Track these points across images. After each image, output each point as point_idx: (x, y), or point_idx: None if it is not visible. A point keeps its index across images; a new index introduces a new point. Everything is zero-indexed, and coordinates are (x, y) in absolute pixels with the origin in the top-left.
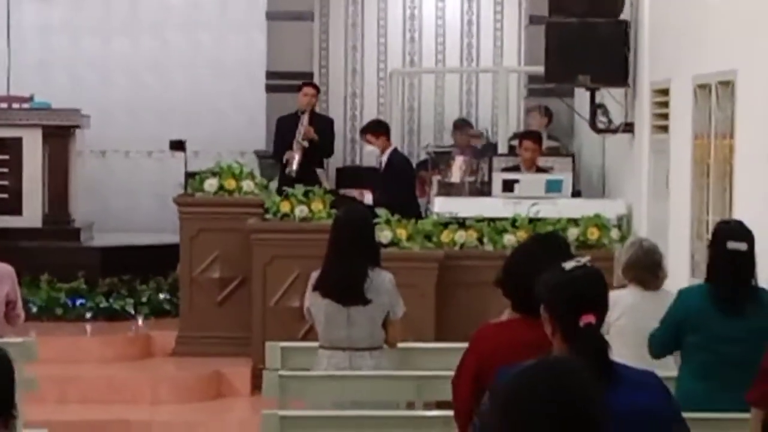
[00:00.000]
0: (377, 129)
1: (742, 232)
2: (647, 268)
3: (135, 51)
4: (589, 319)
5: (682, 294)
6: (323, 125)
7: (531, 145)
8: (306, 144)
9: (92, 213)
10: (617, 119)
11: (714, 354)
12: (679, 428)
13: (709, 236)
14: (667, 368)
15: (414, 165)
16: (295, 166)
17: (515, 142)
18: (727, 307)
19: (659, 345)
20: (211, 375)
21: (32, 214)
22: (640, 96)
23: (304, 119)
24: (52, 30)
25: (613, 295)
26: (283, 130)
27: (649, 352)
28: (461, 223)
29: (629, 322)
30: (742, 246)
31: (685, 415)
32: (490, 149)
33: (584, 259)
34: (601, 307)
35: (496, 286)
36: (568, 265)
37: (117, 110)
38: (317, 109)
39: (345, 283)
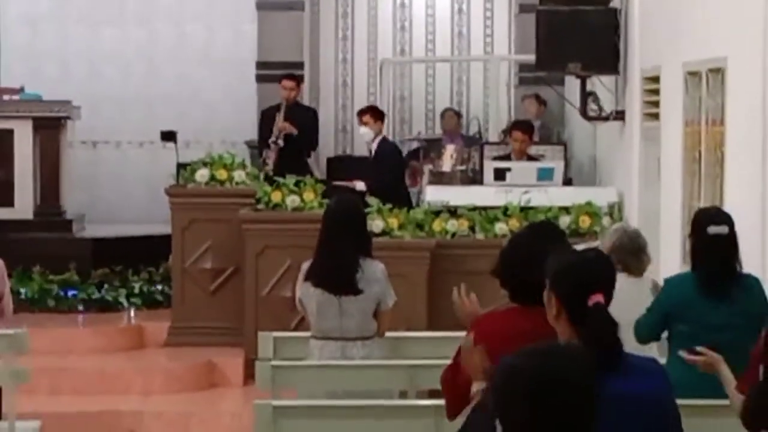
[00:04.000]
0: (376, 112)
1: (721, 216)
2: (631, 253)
3: (124, 41)
4: (598, 298)
5: (669, 283)
6: (305, 117)
7: (520, 136)
8: (281, 143)
9: (83, 204)
10: (608, 107)
11: (702, 341)
12: (676, 416)
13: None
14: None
15: (405, 154)
16: (270, 166)
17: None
18: (713, 294)
19: (645, 332)
20: (203, 365)
21: (23, 205)
22: (631, 83)
23: (279, 116)
24: (40, 20)
25: None
26: (267, 122)
27: (636, 338)
28: (453, 212)
29: (613, 308)
30: (723, 230)
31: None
32: (480, 138)
33: (595, 243)
34: (609, 290)
35: (492, 275)
36: (580, 246)
37: (107, 101)
38: (306, 100)
39: (336, 273)
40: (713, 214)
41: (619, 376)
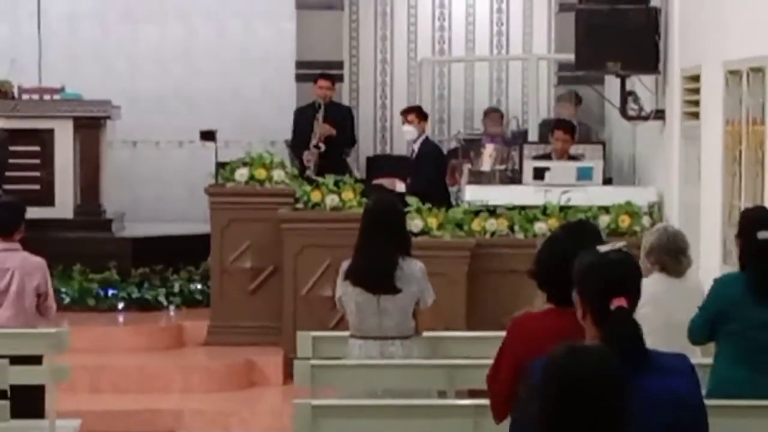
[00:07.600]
0: (421, 112)
1: None
2: (670, 253)
3: (163, 40)
4: (620, 302)
5: (718, 283)
6: (341, 115)
7: (563, 135)
8: (323, 147)
9: (123, 203)
10: (648, 106)
11: (750, 341)
12: (702, 415)
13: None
14: (693, 356)
15: (444, 153)
16: (312, 168)
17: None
18: (762, 295)
19: (698, 332)
20: (242, 364)
21: (64, 205)
22: (671, 83)
23: (319, 117)
24: (81, 19)
25: None
26: (301, 122)
27: (689, 339)
28: (492, 212)
29: (655, 311)
30: None
31: (722, 402)
32: (519, 137)
33: (619, 244)
34: (633, 293)
35: (529, 276)
36: (603, 248)
37: (146, 100)
38: (345, 99)
39: (375, 272)
40: (762, 218)
41: (646, 374)
